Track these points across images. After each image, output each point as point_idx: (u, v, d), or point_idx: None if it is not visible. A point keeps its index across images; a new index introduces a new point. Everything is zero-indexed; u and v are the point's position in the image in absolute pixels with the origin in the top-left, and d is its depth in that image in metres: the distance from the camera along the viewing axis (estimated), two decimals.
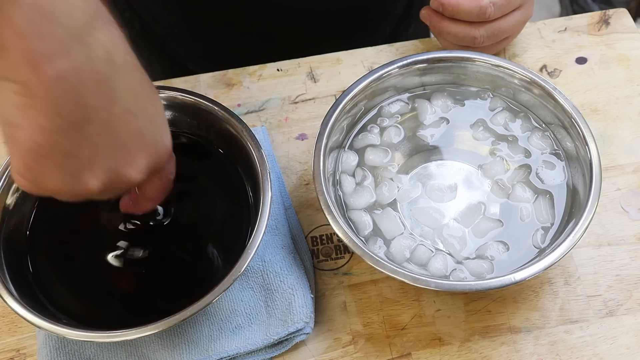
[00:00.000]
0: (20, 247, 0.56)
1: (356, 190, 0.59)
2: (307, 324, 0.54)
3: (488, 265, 0.55)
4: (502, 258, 0.55)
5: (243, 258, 0.51)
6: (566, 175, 0.59)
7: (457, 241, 0.57)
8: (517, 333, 0.56)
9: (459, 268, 0.55)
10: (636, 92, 0.69)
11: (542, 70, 0.70)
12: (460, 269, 0.55)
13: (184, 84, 0.70)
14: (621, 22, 0.73)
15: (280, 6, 0.75)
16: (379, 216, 0.58)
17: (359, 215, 0.58)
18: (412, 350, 0.56)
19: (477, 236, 0.57)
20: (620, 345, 0.56)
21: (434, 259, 0.55)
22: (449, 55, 0.61)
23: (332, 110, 0.58)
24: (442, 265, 0.55)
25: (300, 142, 0.67)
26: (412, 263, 0.56)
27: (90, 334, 0.49)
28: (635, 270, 0.59)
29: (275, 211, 0.60)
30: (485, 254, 0.56)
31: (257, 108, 0.69)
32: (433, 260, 0.55)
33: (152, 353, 0.55)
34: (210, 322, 0.56)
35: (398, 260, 0.55)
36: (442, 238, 0.57)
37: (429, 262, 0.55)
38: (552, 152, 0.60)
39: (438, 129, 0.62)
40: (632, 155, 0.65)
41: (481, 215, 0.58)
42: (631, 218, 0.61)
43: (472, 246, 0.57)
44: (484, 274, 0.55)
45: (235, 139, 0.57)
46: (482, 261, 0.55)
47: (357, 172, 0.60)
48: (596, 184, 0.54)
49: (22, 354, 0.57)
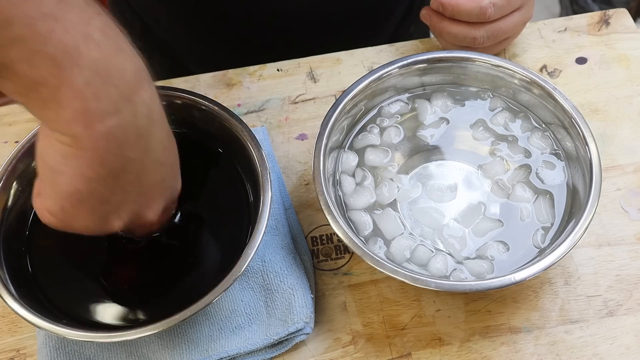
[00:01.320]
0: (20, 247, 0.56)
1: (356, 191, 0.59)
2: (307, 324, 0.54)
3: (488, 266, 0.55)
4: (502, 258, 0.55)
5: (243, 258, 0.51)
6: (566, 175, 0.59)
7: (457, 241, 0.57)
8: (517, 333, 0.56)
9: (459, 268, 0.55)
10: (636, 92, 0.69)
11: (542, 71, 0.70)
12: (461, 269, 0.55)
13: (184, 84, 0.70)
14: (621, 22, 0.73)
15: (285, 10, 0.75)
16: (379, 216, 0.58)
17: (359, 215, 0.58)
18: (412, 350, 0.56)
19: (477, 236, 0.57)
20: (620, 345, 0.56)
21: (434, 259, 0.55)
22: (449, 55, 0.61)
23: (332, 110, 0.58)
24: (442, 265, 0.55)
25: (300, 142, 0.67)
26: (412, 263, 0.56)
27: (90, 334, 0.49)
28: (635, 270, 0.59)
29: (275, 211, 0.60)
30: (486, 254, 0.56)
31: (257, 108, 0.69)
32: (433, 260, 0.55)
33: (152, 353, 0.55)
34: (210, 322, 0.56)
35: (398, 261, 0.55)
36: (442, 238, 0.57)
37: (429, 262, 0.55)
38: (552, 152, 0.60)
39: (438, 129, 0.62)
40: (632, 155, 0.65)
41: (481, 215, 0.58)
42: (631, 218, 0.61)
43: (472, 246, 0.57)
44: (484, 274, 0.55)
45: (235, 139, 0.57)
46: (482, 261, 0.55)
47: (357, 172, 0.60)
48: (596, 184, 0.54)
49: (22, 354, 0.57)
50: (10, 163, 0.56)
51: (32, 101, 0.40)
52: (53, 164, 0.41)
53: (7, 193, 0.56)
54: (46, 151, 0.42)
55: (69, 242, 0.58)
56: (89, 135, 0.39)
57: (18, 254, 0.55)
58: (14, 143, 0.67)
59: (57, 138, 0.40)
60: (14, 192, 0.56)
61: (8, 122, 0.69)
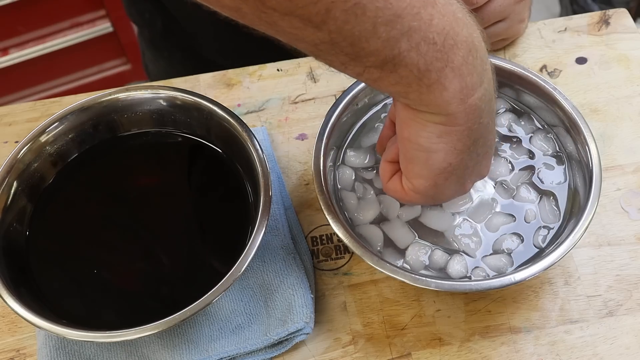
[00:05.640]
0: (20, 247, 0.56)
1: (360, 205, 0.58)
2: (307, 324, 0.54)
3: (507, 259, 0.55)
4: (519, 250, 0.55)
5: (243, 258, 0.51)
6: (567, 177, 0.59)
7: (470, 239, 0.56)
8: (517, 333, 0.56)
9: (480, 266, 0.55)
10: (636, 92, 0.69)
11: (542, 70, 0.70)
12: (481, 267, 0.55)
13: (184, 84, 0.70)
14: (621, 22, 0.73)
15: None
16: (388, 227, 0.57)
17: (368, 229, 0.57)
18: (412, 351, 0.56)
19: (490, 231, 0.57)
20: (620, 345, 0.56)
21: (451, 262, 0.55)
22: None
23: (332, 110, 0.58)
24: (461, 266, 0.55)
25: (300, 142, 0.67)
26: (430, 269, 0.55)
27: (90, 334, 0.49)
28: (635, 270, 0.59)
29: (275, 211, 0.60)
30: (502, 248, 0.56)
31: (257, 108, 0.69)
32: (451, 262, 0.55)
33: (152, 353, 0.55)
34: (210, 322, 0.56)
35: (417, 268, 0.55)
36: (455, 239, 0.57)
37: (447, 265, 0.55)
38: (554, 154, 0.60)
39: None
40: (632, 155, 0.65)
41: (494, 210, 0.58)
42: (631, 218, 0.61)
43: (487, 242, 0.56)
44: (505, 268, 0.54)
45: (235, 139, 0.57)
46: (501, 255, 0.55)
47: (357, 186, 0.59)
48: (596, 184, 0.54)
49: (22, 354, 0.57)
50: (11, 163, 0.56)
51: (414, 89, 0.41)
52: (428, 144, 0.44)
53: (7, 193, 0.56)
54: (419, 134, 0.44)
55: (69, 242, 0.58)
56: (463, 109, 0.42)
57: (18, 254, 0.55)
58: (14, 143, 0.67)
59: (429, 119, 0.43)
60: (14, 192, 0.56)
61: (8, 122, 0.69)
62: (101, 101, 0.59)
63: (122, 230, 0.58)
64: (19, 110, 0.70)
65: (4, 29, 1.43)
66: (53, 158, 0.59)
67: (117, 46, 1.56)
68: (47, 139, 0.58)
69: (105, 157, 0.61)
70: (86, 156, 0.60)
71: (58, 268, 0.56)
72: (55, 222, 0.58)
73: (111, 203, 0.60)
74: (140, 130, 0.61)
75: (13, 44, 1.46)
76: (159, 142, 0.61)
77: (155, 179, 0.62)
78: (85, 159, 0.60)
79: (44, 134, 0.58)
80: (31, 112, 0.69)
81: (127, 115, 0.60)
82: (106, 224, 0.59)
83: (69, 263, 0.57)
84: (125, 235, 0.58)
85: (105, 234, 0.58)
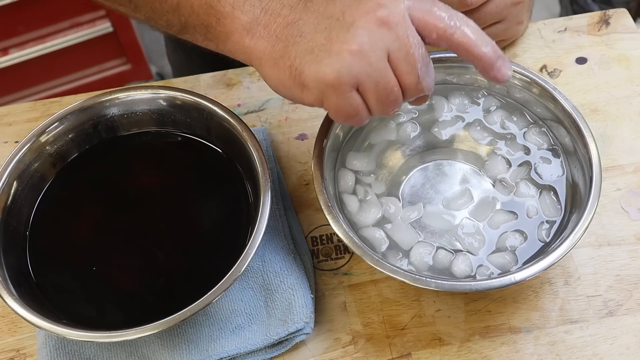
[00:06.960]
0: (20, 247, 0.56)
1: (361, 207, 0.58)
2: (307, 324, 0.54)
3: (511, 257, 0.55)
4: (523, 247, 0.55)
5: (243, 258, 0.51)
6: (564, 170, 0.59)
7: (474, 238, 0.56)
8: (517, 333, 0.56)
9: (484, 264, 0.55)
10: (636, 92, 0.69)
11: (542, 70, 0.70)
12: (485, 265, 0.55)
13: (184, 84, 0.70)
14: (621, 22, 0.73)
15: None
16: (391, 229, 0.57)
17: (371, 232, 0.57)
18: (412, 350, 0.56)
19: (493, 229, 0.57)
20: (620, 345, 0.56)
21: (456, 261, 0.55)
22: (449, 55, 0.61)
23: None
24: (466, 265, 0.55)
25: (300, 142, 0.67)
26: (435, 269, 0.55)
27: (90, 334, 0.49)
28: (635, 270, 0.59)
29: (275, 211, 0.60)
30: (505, 245, 0.56)
31: (257, 108, 0.69)
32: (455, 262, 0.55)
33: (152, 353, 0.55)
34: (210, 322, 0.56)
35: (421, 269, 0.55)
36: (458, 238, 0.57)
37: (451, 265, 0.55)
38: (549, 148, 0.60)
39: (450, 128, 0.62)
40: (632, 155, 0.65)
41: (495, 208, 0.58)
42: (631, 218, 0.61)
43: (490, 240, 0.56)
44: (509, 265, 0.54)
45: (235, 139, 0.57)
46: (504, 253, 0.55)
47: (358, 189, 0.59)
48: (596, 184, 0.54)
49: (22, 354, 0.57)
50: (10, 163, 0.56)
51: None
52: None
53: (7, 193, 0.56)
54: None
55: (69, 242, 0.58)
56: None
57: (18, 254, 0.55)
58: (14, 143, 0.67)
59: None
60: (14, 192, 0.56)
61: (8, 122, 0.69)
62: (101, 101, 0.59)
63: (122, 230, 0.58)
64: (19, 110, 0.70)
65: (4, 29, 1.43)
66: (53, 158, 0.59)
67: (117, 46, 1.56)
68: (47, 139, 0.58)
69: (105, 157, 0.61)
70: (86, 156, 0.60)
71: (58, 268, 0.56)
72: (55, 222, 0.58)
73: (111, 203, 0.60)
74: (140, 130, 0.61)
75: (13, 44, 1.46)
76: (159, 142, 0.61)
77: (155, 179, 0.62)
78: (85, 159, 0.60)
79: (44, 134, 0.58)
80: (31, 112, 0.69)
81: (127, 115, 0.60)
82: (106, 224, 0.59)
83: (68, 263, 0.57)
84: (125, 235, 0.58)
85: (105, 234, 0.58)
